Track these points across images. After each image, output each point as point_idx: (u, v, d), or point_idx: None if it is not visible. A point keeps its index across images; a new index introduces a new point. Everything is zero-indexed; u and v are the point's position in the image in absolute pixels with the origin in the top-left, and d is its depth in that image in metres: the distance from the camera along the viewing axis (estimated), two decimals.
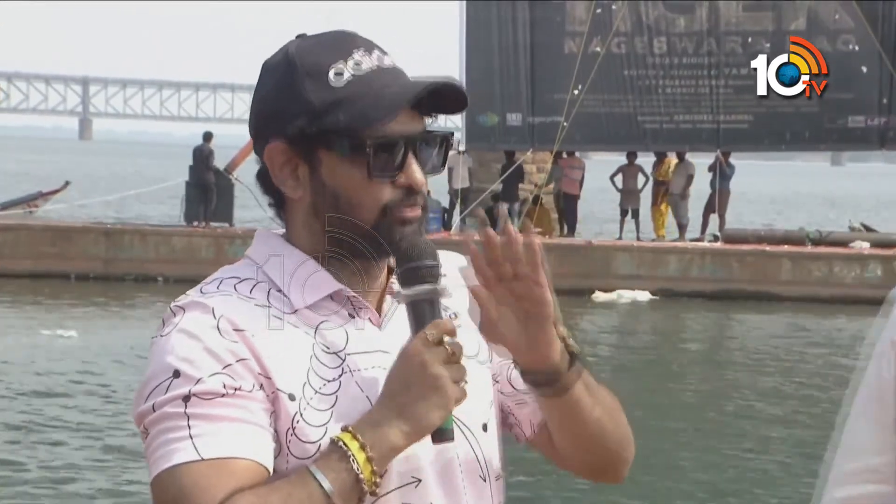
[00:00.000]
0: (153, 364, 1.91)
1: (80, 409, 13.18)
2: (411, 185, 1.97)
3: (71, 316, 19.83)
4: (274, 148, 1.98)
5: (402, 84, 1.96)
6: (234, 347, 1.89)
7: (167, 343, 1.91)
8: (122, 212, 36.19)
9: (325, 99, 1.94)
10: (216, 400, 1.87)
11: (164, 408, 1.87)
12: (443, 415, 1.88)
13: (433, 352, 1.88)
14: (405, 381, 1.87)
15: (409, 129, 1.97)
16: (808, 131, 27.58)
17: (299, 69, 1.96)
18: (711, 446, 12.49)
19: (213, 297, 1.94)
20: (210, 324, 1.90)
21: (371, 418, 1.88)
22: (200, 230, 24.91)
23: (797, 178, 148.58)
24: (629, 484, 10.86)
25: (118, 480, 10.60)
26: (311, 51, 1.98)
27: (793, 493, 10.82)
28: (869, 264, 24.14)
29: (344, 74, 1.95)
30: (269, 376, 1.90)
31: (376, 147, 1.94)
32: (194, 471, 1.84)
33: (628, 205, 27.63)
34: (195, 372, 1.87)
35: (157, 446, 1.88)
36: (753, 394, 15.44)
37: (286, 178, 1.99)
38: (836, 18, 26.89)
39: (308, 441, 1.89)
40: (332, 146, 1.95)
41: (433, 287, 1.94)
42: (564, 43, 27.78)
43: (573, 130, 27.02)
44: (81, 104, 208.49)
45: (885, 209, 59.50)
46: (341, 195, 1.96)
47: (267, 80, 2.01)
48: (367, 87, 1.95)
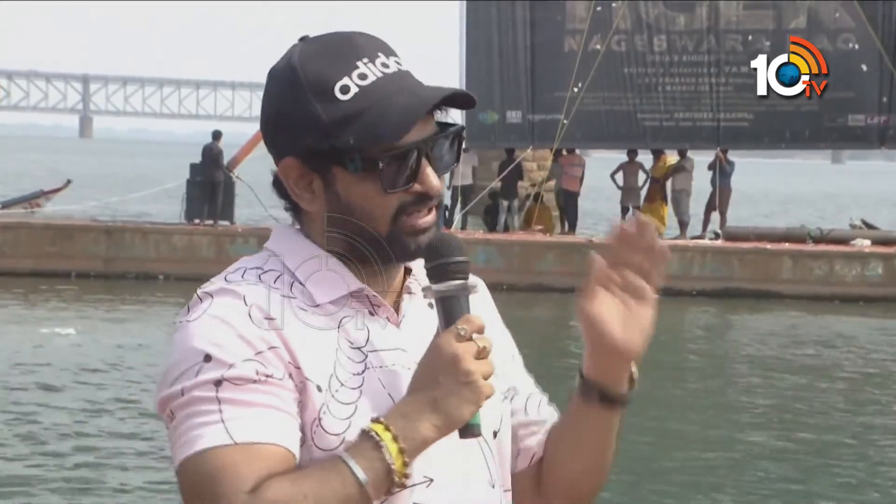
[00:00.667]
0: (180, 348, 1.90)
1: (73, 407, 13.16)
2: (428, 192, 1.98)
3: (71, 314, 19.82)
4: (288, 164, 1.98)
5: (409, 95, 1.95)
6: (265, 335, 1.90)
7: (197, 328, 1.90)
8: (123, 210, 36.15)
9: (333, 116, 1.94)
10: (248, 386, 1.87)
11: (193, 392, 1.87)
12: (473, 410, 1.89)
13: (465, 346, 1.89)
14: (435, 375, 1.89)
15: (419, 135, 1.97)
16: (808, 130, 27.59)
17: (304, 84, 1.96)
18: (711, 447, 12.49)
19: (241, 284, 1.94)
20: (242, 310, 1.90)
21: (402, 410, 1.89)
22: (202, 228, 24.90)
23: (797, 176, 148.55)
24: (629, 484, 10.87)
25: (113, 481, 10.61)
26: (314, 64, 1.97)
27: (793, 493, 10.83)
28: (870, 262, 24.14)
29: (350, 89, 1.95)
30: (298, 366, 1.90)
31: (388, 162, 1.95)
32: (226, 454, 1.84)
33: (629, 202, 27.63)
34: (227, 357, 1.87)
35: (186, 430, 1.87)
36: (753, 392, 15.44)
37: (302, 191, 1.99)
38: (837, 17, 26.90)
39: (332, 433, 1.90)
40: (344, 164, 1.95)
41: (463, 283, 1.95)
42: (564, 41, 27.79)
43: (573, 128, 27.04)
44: (82, 102, 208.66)
45: (886, 207, 59.51)
46: (356, 208, 1.97)
47: (273, 92, 2.01)
48: (373, 99, 1.94)
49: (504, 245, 24.73)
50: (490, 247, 24.29)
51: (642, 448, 11.79)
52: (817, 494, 10.81)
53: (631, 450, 11.42)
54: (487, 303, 2.16)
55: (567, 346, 19.53)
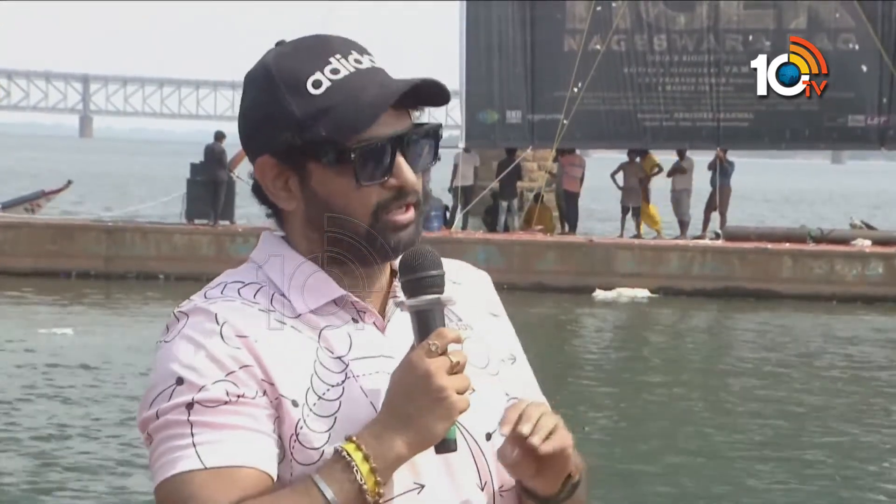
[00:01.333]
0: (157, 371, 1.91)
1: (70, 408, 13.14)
2: (403, 186, 1.97)
3: (70, 314, 19.82)
4: (264, 163, 1.98)
5: (379, 86, 1.95)
6: (237, 354, 1.89)
7: (171, 349, 1.90)
8: (123, 209, 36.15)
9: (306, 110, 1.94)
10: (219, 408, 1.87)
11: (167, 415, 1.88)
12: (446, 426, 1.88)
13: (437, 362, 1.87)
14: (408, 392, 1.87)
15: (393, 129, 1.96)
16: (809, 130, 27.60)
17: (278, 82, 1.96)
18: (711, 447, 12.48)
19: (216, 302, 1.93)
20: (213, 330, 1.90)
21: (374, 429, 1.88)
22: (202, 228, 24.91)
23: (798, 176, 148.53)
24: (627, 485, 10.86)
25: (101, 482, 10.60)
26: (287, 61, 1.97)
27: (794, 493, 10.83)
28: (870, 262, 24.13)
29: (322, 83, 1.95)
30: (272, 382, 1.89)
31: (361, 153, 1.94)
32: (197, 479, 1.84)
33: (629, 202, 27.63)
34: (198, 379, 1.87)
35: (161, 454, 1.88)
36: (753, 392, 15.44)
37: (278, 190, 1.99)
38: (837, 17, 26.90)
39: (311, 447, 1.89)
40: (318, 157, 1.95)
41: (437, 297, 1.94)
42: (564, 40, 27.79)
43: (573, 128, 27.04)
44: (82, 102, 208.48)
45: (886, 207, 59.50)
46: (333, 203, 1.96)
47: (249, 94, 2.01)
48: (345, 93, 1.94)
49: (504, 245, 24.74)
50: (490, 246, 24.29)
51: (642, 449, 11.78)
52: (818, 494, 10.81)
53: (630, 450, 11.42)
54: (490, 296, 2.14)
55: (567, 345, 19.54)
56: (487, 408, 2.01)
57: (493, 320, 2.11)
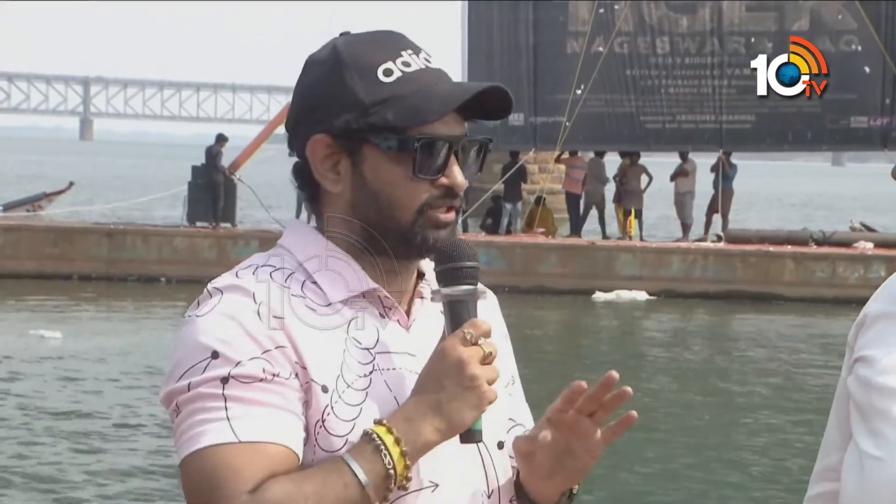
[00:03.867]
0: (188, 343, 1.90)
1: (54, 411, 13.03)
2: (452, 187, 1.98)
3: (65, 317, 19.75)
4: (318, 140, 1.97)
5: (450, 85, 1.98)
6: (273, 334, 1.89)
7: (205, 324, 1.90)
8: (124, 212, 36.13)
9: (373, 95, 1.95)
10: (255, 384, 1.86)
11: (200, 388, 1.87)
12: (476, 415, 1.90)
13: (470, 351, 1.89)
14: (440, 378, 1.89)
15: (453, 131, 1.98)
16: (811, 132, 27.60)
17: (348, 64, 1.97)
18: (712, 449, 12.46)
19: (251, 282, 1.94)
20: (251, 308, 1.90)
21: (405, 413, 1.89)
22: (203, 231, 24.88)
23: (798, 178, 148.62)
24: (627, 486, 10.83)
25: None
26: (359, 47, 1.98)
27: (795, 494, 10.78)
28: (872, 265, 24.10)
29: (393, 72, 1.96)
30: (304, 366, 1.90)
31: (423, 146, 1.95)
32: (229, 452, 1.84)
33: (631, 205, 27.62)
34: (235, 354, 1.87)
35: (190, 426, 1.87)
36: (755, 395, 15.42)
37: (327, 171, 1.98)
38: (839, 19, 26.88)
39: (336, 434, 1.90)
40: (378, 142, 1.95)
41: (473, 288, 1.95)
42: (567, 43, 27.78)
43: (575, 130, 27.02)
44: (82, 104, 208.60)
45: (887, 209, 59.50)
46: (381, 192, 1.96)
47: (313, 73, 2.01)
48: (416, 85, 1.96)
49: (506, 247, 24.71)
50: (492, 249, 24.25)
51: (641, 451, 11.76)
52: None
53: (630, 452, 11.39)
54: (496, 318, 2.14)
55: (569, 347, 19.52)
56: (498, 417, 2.03)
57: (500, 339, 2.10)
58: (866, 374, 2.03)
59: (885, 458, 1.94)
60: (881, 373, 2.01)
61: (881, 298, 2.11)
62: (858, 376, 2.05)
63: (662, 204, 28.80)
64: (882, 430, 1.96)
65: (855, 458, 2.00)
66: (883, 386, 1.99)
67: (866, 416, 2.00)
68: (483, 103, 1.99)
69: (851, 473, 2.00)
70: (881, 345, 2.03)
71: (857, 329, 2.11)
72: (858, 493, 1.97)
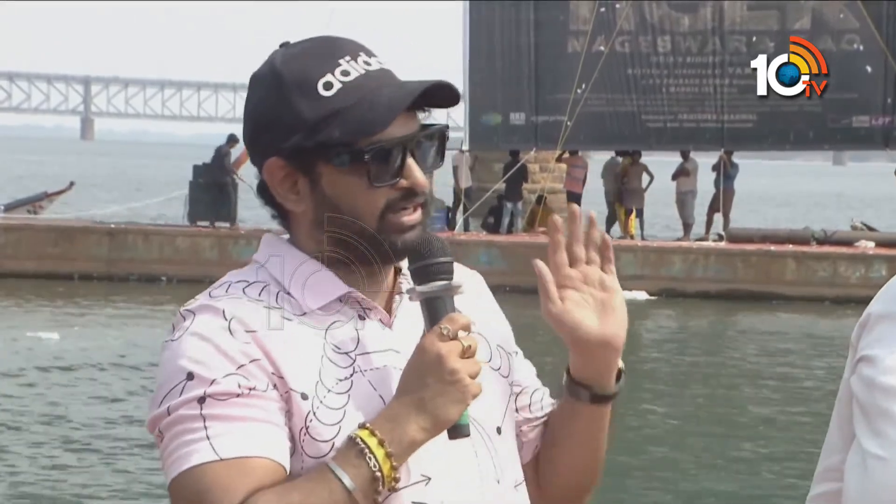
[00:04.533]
0: (166, 368, 1.92)
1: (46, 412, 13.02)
2: (412, 187, 1.97)
3: (63, 317, 19.74)
4: (272, 164, 1.98)
5: (393, 88, 1.96)
6: (246, 348, 1.89)
7: (179, 347, 1.91)
8: (124, 211, 36.15)
9: (317, 112, 1.94)
10: (231, 400, 1.87)
11: (179, 410, 1.88)
12: (460, 409, 1.89)
13: (449, 346, 1.89)
14: (421, 376, 1.88)
15: (404, 130, 1.97)
16: (812, 131, 27.58)
17: (288, 83, 1.96)
18: (713, 450, 12.45)
19: (221, 299, 1.95)
20: (221, 325, 1.90)
21: (388, 414, 1.89)
22: (205, 230, 24.87)
23: (799, 178, 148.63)
24: (628, 489, 10.82)
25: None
26: (297, 63, 1.97)
27: (796, 496, 10.78)
28: (874, 264, 24.10)
29: (333, 85, 1.95)
30: (281, 376, 1.90)
31: (375, 155, 1.94)
32: (213, 471, 1.84)
33: (632, 204, 27.61)
34: (209, 373, 1.88)
35: (174, 449, 1.88)
36: (757, 396, 15.42)
37: (287, 192, 1.99)
38: (841, 18, 26.87)
39: (322, 440, 1.90)
40: (330, 159, 1.95)
41: (447, 283, 1.96)
42: (568, 42, 27.77)
43: (577, 130, 27.01)
44: (83, 104, 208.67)
45: (888, 208, 59.49)
46: (343, 205, 1.96)
47: (256, 94, 2.01)
48: (357, 95, 1.95)
49: (507, 247, 24.69)
50: (493, 248, 24.25)
51: (641, 452, 11.75)
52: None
53: (630, 451, 11.38)
54: (484, 294, 2.17)
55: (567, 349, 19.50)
56: (494, 402, 2.04)
57: (491, 315, 2.14)
58: (870, 374, 2.02)
59: (889, 458, 1.94)
60: (884, 372, 2.00)
61: (884, 299, 2.10)
62: (862, 376, 2.05)
63: (664, 203, 28.77)
64: (885, 430, 1.96)
65: (858, 458, 1.99)
66: (886, 386, 1.99)
67: (869, 416, 2.00)
68: (431, 95, 1.98)
69: (855, 473, 1.99)
70: (884, 344, 2.03)
71: (861, 329, 2.10)
72: (862, 494, 1.97)
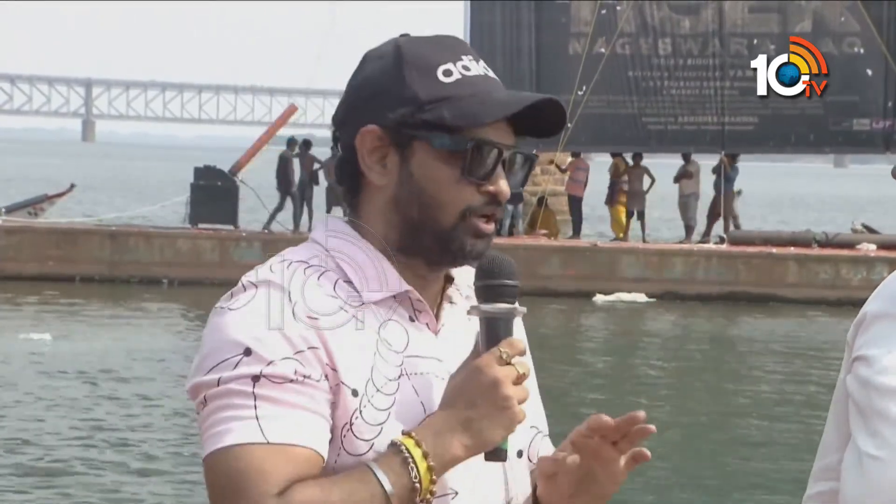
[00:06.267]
0: (220, 336, 1.88)
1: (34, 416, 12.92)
2: (497, 194, 1.96)
3: (60, 319, 19.71)
4: (369, 131, 1.96)
5: (508, 94, 1.98)
6: (306, 334, 1.87)
7: (238, 318, 1.88)
8: (126, 213, 36.15)
9: (431, 93, 1.94)
10: (285, 385, 1.85)
11: (230, 384, 1.85)
12: (505, 434, 1.89)
13: (506, 371, 1.88)
14: (473, 396, 1.87)
15: (504, 140, 1.97)
16: (813, 134, 27.57)
17: (408, 61, 1.96)
18: (715, 451, 12.45)
19: (285, 277, 1.92)
20: (286, 306, 1.88)
21: (434, 426, 1.87)
22: (206, 233, 24.83)
23: (799, 180, 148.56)
24: (624, 492, 10.82)
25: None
26: (421, 46, 1.99)
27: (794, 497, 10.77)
28: (875, 266, 24.08)
29: (453, 73, 1.96)
30: (335, 368, 1.88)
31: (474, 147, 1.94)
32: (257, 452, 1.82)
33: (634, 206, 27.61)
34: (267, 353, 1.85)
35: (217, 421, 1.85)
36: (759, 397, 15.41)
37: (374, 163, 1.97)
38: (842, 21, 26.86)
39: (363, 439, 1.88)
40: (431, 139, 1.94)
41: (512, 307, 1.94)
42: (569, 44, 27.77)
43: (577, 131, 26.97)
44: (84, 106, 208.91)
45: (890, 211, 59.47)
46: (426, 190, 1.95)
47: (370, 67, 2.00)
48: (474, 89, 1.96)
49: (508, 249, 24.65)
50: (494, 251, 24.22)
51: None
52: None
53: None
54: (522, 333, 2.12)
55: (573, 350, 19.49)
56: (522, 428, 2.00)
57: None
58: (865, 374, 2.03)
59: (885, 458, 1.94)
60: (880, 372, 2.00)
61: (881, 298, 2.10)
62: (858, 375, 2.05)
63: (665, 205, 28.76)
64: (881, 430, 1.96)
65: (854, 457, 2.00)
66: (882, 385, 1.99)
67: (866, 415, 2.00)
68: (534, 119, 1.99)
69: (851, 473, 2.00)
70: (881, 344, 2.03)
71: (857, 328, 2.10)
72: (858, 493, 1.97)
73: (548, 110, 1.98)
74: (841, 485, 2.02)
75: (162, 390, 14.31)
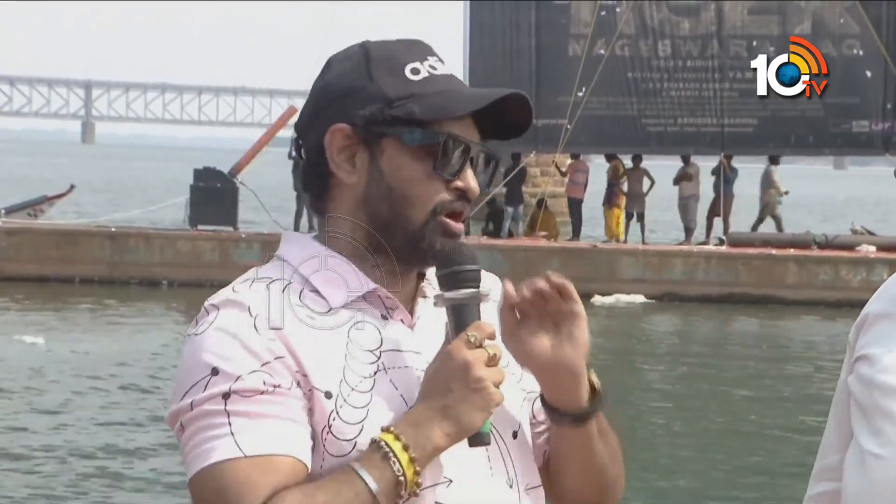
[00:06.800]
0: (189, 362, 1.91)
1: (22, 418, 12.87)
2: (466, 191, 1.98)
3: (57, 321, 19.69)
4: (338, 129, 1.98)
5: (475, 90, 2.00)
6: (271, 345, 1.89)
7: (203, 341, 1.90)
8: (126, 214, 36.14)
9: (400, 90, 1.96)
10: (256, 397, 1.87)
11: (202, 405, 1.87)
12: (484, 417, 1.90)
13: (475, 353, 1.89)
14: (446, 382, 1.89)
15: (471, 137, 2.00)
16: (813, 135, 27.57)
17: (376, 59, 1.99)
18: (715, 452, 12.46)
19: (246, 295, 1.94)
20: (247, 321, 1.90)
21: (413, 418, 1.89)
22: (206, 234, 24.82)
23: (799, 181, 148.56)
24: (626, 491, 10.82)
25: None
26: (388, 47, 2.02)
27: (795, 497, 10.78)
28: (875, 268, 24.08)
29: (420, 72, 1.98)
30: (305, 374, 1.89)
31: (448, 141, 1.96)
32: (236, 467, 1.84)
33: (633, 208, 27.62)
34: (234, 369, 1.87)
35: (196, 444, 1.87)
36: (759, 398, 15.41)
37: (343, 161, 1.98)
38: (842, 22, 26.87)
39: (344, 438, 1.90)
40: (402, 135, 1.96)
41: (475, 291, 1.96)
42: (568, 45, 27.77)
43: (577, 133, 27.00)
44: (84, 107, 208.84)
45: (890, 212, 59.46)
46: (397, 188, 1.97)
47: (337, 68, 2.02)
48: (441, 87, 1.98)
49: (508, 250, 24.68)
50: (494, 252, 24.23)
51: (641, 453, 11.75)
52: None
53: (630, 455, 11.39)
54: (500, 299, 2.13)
55: None
56: (511, 405, 2.03)
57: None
58: (868, 373, 2.03)
59: (887, 457, 1.94)
60: (882, 371, 2.01)
61: (882, 299, 2.11)
62: (860, 375, 2.06)
63: (668, 209, 28.76)
64: (884, 429, 1.96)
65: (857, 456, 2.00)
66: (884, 384, 2.00)
67: (868, 414, 2.01)
68: (501, 118, 2.01)
69: (853, 472, 2.00)
70: (882, 344, 2.04)
71: (858, 329, 2.11)
72: (861, 492, 1.98)
73: (515, 109, 2.01)
74: (843, 483, 2.03)
75: (162, 391, 14.32)
